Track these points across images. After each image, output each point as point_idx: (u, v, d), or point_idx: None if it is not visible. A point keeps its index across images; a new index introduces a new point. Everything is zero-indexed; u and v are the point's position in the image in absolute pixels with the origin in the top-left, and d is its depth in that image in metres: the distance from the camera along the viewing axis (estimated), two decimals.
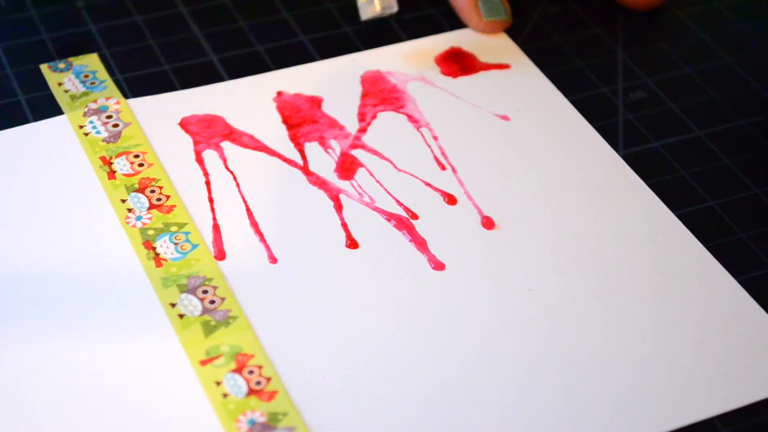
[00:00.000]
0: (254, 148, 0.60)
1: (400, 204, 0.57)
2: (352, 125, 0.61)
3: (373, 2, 0.63)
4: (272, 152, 0.59)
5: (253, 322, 0.52)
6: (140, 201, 0.56)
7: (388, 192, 0.58)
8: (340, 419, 0.49)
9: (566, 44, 0.67)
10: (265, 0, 0.68)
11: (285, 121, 0.61)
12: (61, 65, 0.63)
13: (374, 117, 0.62)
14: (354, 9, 0.66)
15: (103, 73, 0.63)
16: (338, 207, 0.57)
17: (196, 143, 0.60)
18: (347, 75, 0.64)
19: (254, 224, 0.56)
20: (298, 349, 0.51)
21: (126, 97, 0.62)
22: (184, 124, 0.61)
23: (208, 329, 0.51)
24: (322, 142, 0.60)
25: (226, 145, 0.60)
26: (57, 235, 0.55)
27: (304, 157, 0.59)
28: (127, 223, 0.56)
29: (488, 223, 0.57)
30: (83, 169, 0.58)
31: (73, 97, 0.61)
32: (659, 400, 0.50)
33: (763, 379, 0.51)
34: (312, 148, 0.60)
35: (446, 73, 0.64)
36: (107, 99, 0.61)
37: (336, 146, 0.60)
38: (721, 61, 0.66)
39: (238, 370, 0.50)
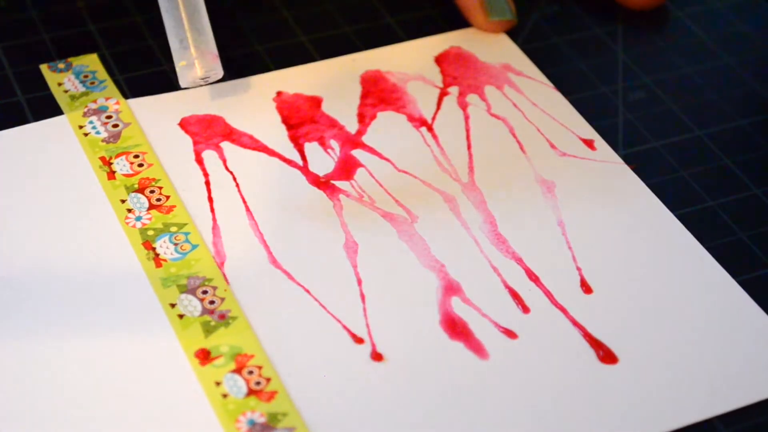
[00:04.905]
0: (254, 149, 0.60)
1: (400, 204, 0.57)
2: (352, 125, 0.61)
3: (194, 66, 0.57)
4: (272, 152, 0.59)
5: (252, 322, 0.52)
6: (140, 201, 0.56)
7: (388, 192, 0.58)
8: (340, 419, 0.49)
9: (566, 44, 0.67)
10: (265, 0, 0.68)
11: (285, 121, 0.61)
12: (61, 65, 0.63)
13: (374, 117, 0.62)
14: (354, 9, 0.66)
15: (102, 73, 0.63)
16: (338, 207, 0.57)
17: (195, 143, 0.60)
18: (347, 75, 0.64)
19: (254, 224, 0.56)
20: (298, 349, 0.51)
21: (126, 97, 0.62)
22: (184, 124, 0.61)
23: (208, 329, 0.51)
24: (322, 142, 0.60)
25: (226, 146, 0.60)
26: (57, 236, 0.55)
27: (303, 157, 0.59)
28: (127, 223, 0.56)
29: (489, 222, 0.57)
30: (83, 169, 0.58)
31: (73, 97, 0.61)
32: (659, 400, 0.50)
33: (763, 379, 0.51)
34: (312, 148, 0.60)
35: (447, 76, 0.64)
36: (107, 99, 0.61)
37: (336, 146, 0.60)
38: (721, 61, 0.66)
39: (238, 371, 0.50)
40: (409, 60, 0.65)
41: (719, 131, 0.62)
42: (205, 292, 0.53)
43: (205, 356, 0.50)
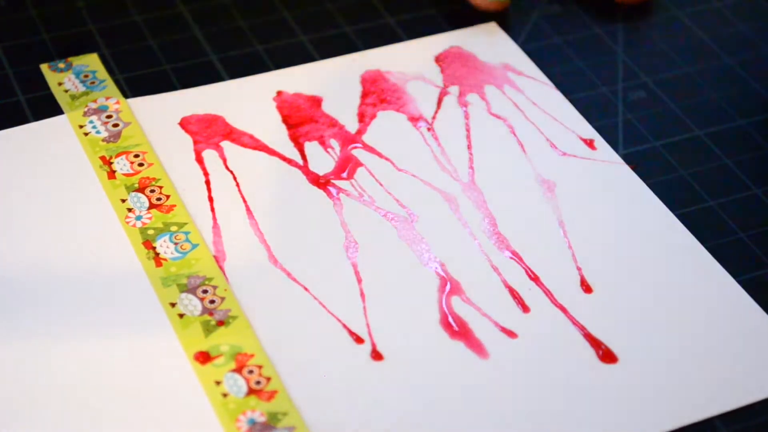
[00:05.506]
0: (254, 148, 0.60)
1: (400, 204, 0.57)
2: (352, 125, 0.61)
3: None
4: (272, 152, 0.59)
5: (253, 321, 0.52)
6: (140, 201, 0.56)
7: (388, 192, 0.58)
8: (340, 419, 0.49)
9: (566, 44, 0.67)
10: (265, 0, 0.68)
11: (285, 120, 0.61)
12: (61, 65, 0.63)
13: (374, 117, 0.62)
14: (354, 9, 0.66)
15: (103, 73, 0.63)
16: (338, 206, 0.57)
17: (196, 143, 0.60)
18: (347, 75, 0.64)
19: (254, 224, 0.56)
20: (298, 349, 0.51)
21: (126, 96, 0.62)
22: (184, 123, 0.61)
23: (208, 329, 0.51)
24: (322, 142, 0.60)
25: (226, 145, 0.60)
26: (57, 235, 0.55)
27: (303, 156, 0.59)
28: (127, 222, 0.56)
29: (489, 222, 0.57)
30: (83, 169, 0.58)
31: (73, 97, 0.61)
32: (659, 400, 0.50)
33: (763, 379, 0.51)
34: (312, 147, 0.60)
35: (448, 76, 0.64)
36: (107, 99, 0.61)
37: (336, 146, 0.60)
38: (721, 61, 0.66)
39: (238, 370, 0.50)
40: (409, 60, 0.65)
41: (719, 131, 0.62)
42: (205, 292, 0.53)
43: (205, 356, 0.50)
